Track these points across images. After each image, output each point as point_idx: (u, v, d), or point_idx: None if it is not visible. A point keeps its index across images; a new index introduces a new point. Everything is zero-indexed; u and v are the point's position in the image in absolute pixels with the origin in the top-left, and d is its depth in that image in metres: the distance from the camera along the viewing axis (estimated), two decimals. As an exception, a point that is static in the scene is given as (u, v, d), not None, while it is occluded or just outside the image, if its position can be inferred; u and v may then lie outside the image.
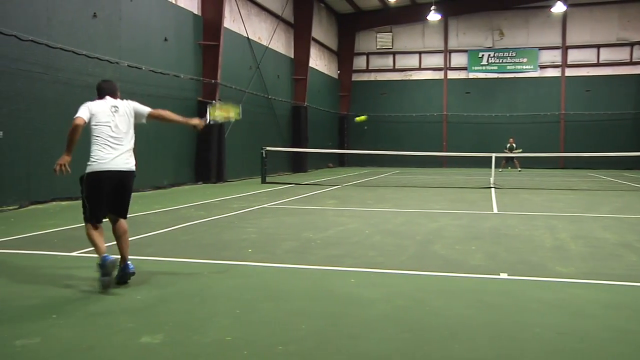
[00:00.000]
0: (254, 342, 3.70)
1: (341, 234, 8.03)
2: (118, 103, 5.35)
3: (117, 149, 5.16)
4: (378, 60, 33.98)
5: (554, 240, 7.60)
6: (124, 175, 5.19)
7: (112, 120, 5.21)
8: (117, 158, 5.13)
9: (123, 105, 5.37)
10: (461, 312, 4.38)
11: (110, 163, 5.09)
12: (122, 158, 5.18)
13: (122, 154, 5.19)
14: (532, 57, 31.77)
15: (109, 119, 5.20)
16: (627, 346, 3.65)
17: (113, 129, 5.19)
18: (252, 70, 21.59)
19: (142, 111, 5.52)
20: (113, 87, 5.51)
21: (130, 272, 5.09)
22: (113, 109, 5.27)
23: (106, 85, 5.50)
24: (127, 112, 5.35)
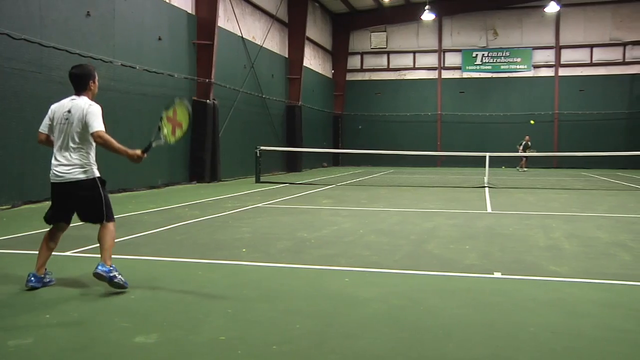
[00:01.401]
0: (248, 341, 3.69)
1: (335, 234, 8.02)
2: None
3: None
4: (372, 59, 34.01)
5: (548, 240, 7.62)
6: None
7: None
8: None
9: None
10: (456, 311, 4.38)
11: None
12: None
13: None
14: (526, 57, 31.86)
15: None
16: (622, 345, 3.66)
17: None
18: (246, 69, 21.56)
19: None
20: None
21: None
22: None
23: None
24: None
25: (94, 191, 4.97)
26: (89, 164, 4.98)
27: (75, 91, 5.00)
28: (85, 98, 4.95)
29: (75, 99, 4.95)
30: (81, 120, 4.84)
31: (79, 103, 4.89)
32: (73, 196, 4.92)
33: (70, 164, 4.88)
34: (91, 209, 4.99)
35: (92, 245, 6.97)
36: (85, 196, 4.93)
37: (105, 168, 14.14)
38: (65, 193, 4.92)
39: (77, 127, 4.85)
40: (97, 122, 4.85)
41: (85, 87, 4.99)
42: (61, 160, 4.89)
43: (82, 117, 4.83)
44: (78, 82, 4.99)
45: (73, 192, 4.90)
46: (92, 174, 4.98)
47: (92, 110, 4.86)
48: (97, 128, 4.84)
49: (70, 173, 4.87)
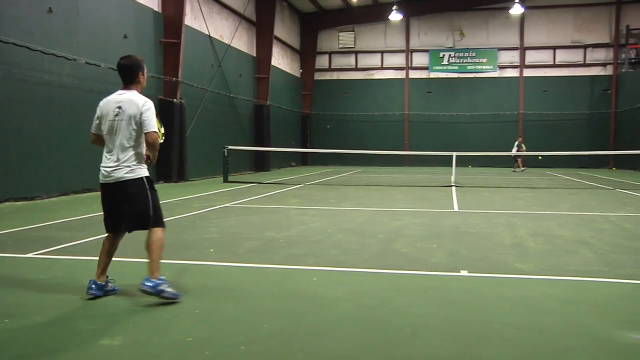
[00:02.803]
0: (215, 342, 3.66)
1: (304, 233, 8.01)
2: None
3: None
4: (340, 59, 34.09)
5: (513, 238, 7.74)
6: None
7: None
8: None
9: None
10: (423, 309, 4.41)
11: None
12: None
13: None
14: (492, 58, 32.34)
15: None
16: (583, 339, 3.74)
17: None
18: (214, 68, 21.40)
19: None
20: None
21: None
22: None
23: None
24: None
25: (141, 192, 4.62)
26: (138, 163, 4.66)
27: (124, 84, 4.70)
28: (135, 92, 4.66)
29: (124, 93, 4.65)
30: (135, 117, 4.54)
31: (131, 98, 4.59)
32: (120, 198, 4.62)
33: (117, 163, 4.59)
34: (137, 212, 4.63)
35: (57, 247, 6.85)
36: (132, 197, 4.59)
37: (70, 168, 13.95)
38: (113, 195, 4.65)
39: (130, 124, 4.56)
40: (153, 122, 4.57)
41: (135, 79, 4.69)
42: (109, 159, 4.64)
43: (137, 114, 4.54)
44: (127, 74, 4.68)
45: (120, 194, 4.61)
46: (140, 173, 4.65)
47: (149, 108, 4.58)
48: (153, 128, 4.55)
49: (117, 172, 4.58)
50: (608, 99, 31.23)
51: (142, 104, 4.56)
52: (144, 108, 4.54)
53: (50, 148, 12.81)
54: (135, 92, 4.66)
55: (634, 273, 5.69)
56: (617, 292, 5.03)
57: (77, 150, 13.65)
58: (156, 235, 4.64)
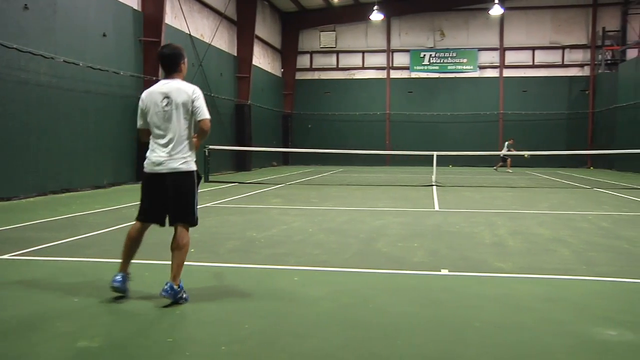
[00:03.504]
0: (196, 342, 3.64)
1: (285, 233, 8.00)
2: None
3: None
4: (321, 59, 34.10)
5: (493, 237, 7.81)
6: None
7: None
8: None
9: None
10: (404, 308, 4.43)
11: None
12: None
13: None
14: (472, 58, 32.57)
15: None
16: (562, 337, 3.78)
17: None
18: (194, 67, 21.26)
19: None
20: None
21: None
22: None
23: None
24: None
25: (191, 186, 4.57)
26: (190, 154, 4.57)
27: (166, 73, 4.62)
28: (181, 81, 4.57)
29: (168, 82, 4.55)
30: (186, 106, 4.46)
31: (179, 87, 4.49)
32: (167, 189, 4.52)
33: (172, 152, 4.48)
34: (184, 205, 4.58)
35: (36, 247, 6.75)
36: (183, 189, 4.53)
37: (48, 167, 13.77)
38: (161, 185, 4.53)
39: (181, 112, 4.48)
40: (205, 109, 4.52)
41: (177, 67, 4.62)
42: (161, 149, 4.50)
43: (188, 101, 4.46)
44: (169, 62, 4.61)
45: (168, 185, 4.50)
46: (193, 166, 4.58)
47: (199, 96, 4.51)
48: (206, 115, 4.51)
49: (171, 163, 4.47)
50: (585, 100, 31.66)
51: (192, 92, 4.49)
52: (194, 96, 4.48)
53: (28, 147, 12.63)
54: (180, 80, 4.59)
55: (610, 271, 5.78)
56: (594, 289, 5.10)
57: (56, 150, 13.49)
58: (187, 237, 4.63)
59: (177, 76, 4.61)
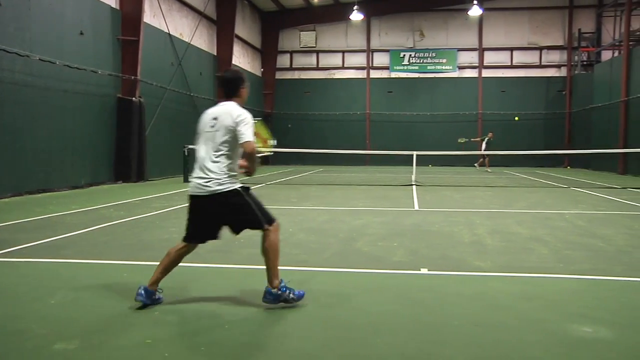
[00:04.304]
0: (175, 343, 3.61)
1: (265, 233, 7.97)
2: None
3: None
4: (302, 58, 34.08)
5: (472, 236, 7.87)
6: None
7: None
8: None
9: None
10: (384, 308, 4.45)
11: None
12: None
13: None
14: (451, 58, 32.80)
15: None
16: (540, 334, 3.83)
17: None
18: (173, 66, 21.13)
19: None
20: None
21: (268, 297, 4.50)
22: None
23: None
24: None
25: (241, 202, 4.52)
26: (231, 175, 4.50)
27: (225, 96, 4.61)
28: (233, 104, 4.53)
29: (223, 104, 4.55)
30: (228, 128, 4.41)
31: (228, 110, 4.47)
32: (212, 211, 4.49)
33: (209, 175, 4.44)
34: (245, 221, 4.58)
35: (10, 249, 6.65)
36: (235, 209, 4.51)
37: (24, 167, 13.55)
38: (202, 207, 4.50)
39: (224, 135, 4.43)
40: (249, 132, 4.41)
41: (236, 92, 4.61)
42: (202, 171, 4.47)
43: (232, 124, 4.40)
44: (229, 86, 4.62)
45: (220, 206, 4.46)
46: (231, 186, 4.48)
47: (245, 119, 4.42)
48: (249, 138, 4.39)
49: (210, 185, 4.42)
50: (562, 100, 32.07)
51: (237, 115, 4.42)
52: (239, 119, 4.40)
53: (3, 147, 12.44)
54: (234, 103, 4.55)
55: (586, 269, 5.86)
56: (570, 287, 5.16)
57: (32, 150, 13.30)
58: (270, 238, 4.58)
59: (236, 100, 4.59)
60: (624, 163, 23.92)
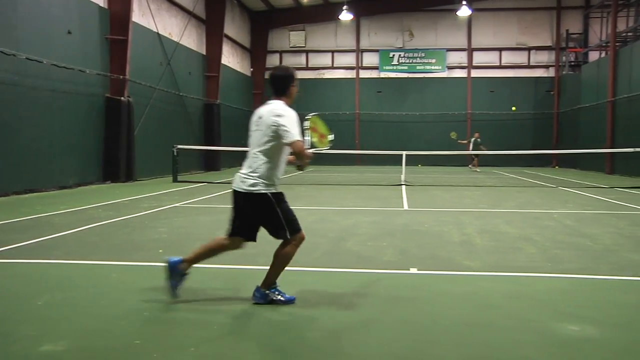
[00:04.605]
0: (164, 344, 3.60)
1: (255, 233, 7.96)
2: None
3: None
4: (291, 58, 34.05)
5: (461, 235, 7.90)
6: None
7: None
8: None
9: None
10: (374, 307, 4.45)
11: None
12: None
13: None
14: (441, 58, 32.91)
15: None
16: (529, 333, 3.85)
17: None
18: (162, 66, 21.03)
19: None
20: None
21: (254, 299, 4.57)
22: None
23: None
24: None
25: (267, 208, 4.47)
26: (267, 177, 4.44)
27: (274, 94, 4.54)
28: (279, 103, 4.45)
29: (270, 103, 4.49)
30: (271, 127, 4.34)
31: (272, 108, 4.40)
32: (245, 209, 4.53)
33: (247, 173, 4.45)
34: (265, 224, 4.56)
35: (-4, 250, 6.60)
36: (260, 212, 4.50)
37: (11, 167, 13.45)
38: (238, 203, 4.57)
39: (265, 134, 4.38)
40: (295, 131, 4.31)
41: (285, 91, 4.52)
42: (244, 167, 4.50)
43: (274, 124, 4.32)
44: (278, 84, 4.53)
45: (248, 205, 4.49)
46: (262, 189, 4.42)
47: (288, 117, 4.32)
48: (295, 138, 4.28)
49: (245, 182, 4.44)
50: (551, 100, 32.27)
51: (279, 115, 4.33)
52: (281, 119, 4.31)
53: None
54: (280, 102, 4.47)
55: (574, 268, 5.90)
56: (559, 286, 5.20)
57: (19, 150, 13.20)
58: (286, 248, 4.55)
59: (284, 99, 4.51)
60: (611, 163, 24.10)
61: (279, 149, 4.42)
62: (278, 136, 4.32)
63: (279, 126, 4.29)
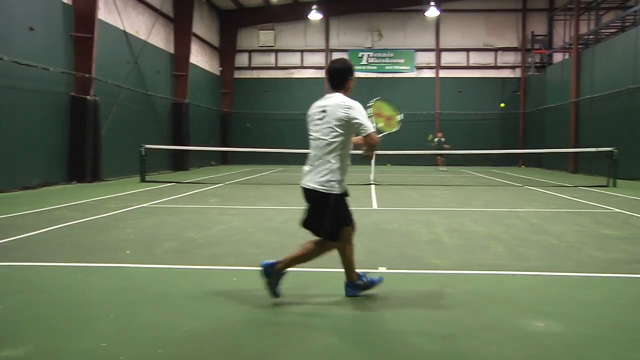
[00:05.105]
0: (132, 346, 3.54)
1: (223, 233, 7.92)
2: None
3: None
4: (260, 57, 33.94)
5: (430, 234, 7.97)
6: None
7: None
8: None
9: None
10: (341, 307, 4.46)
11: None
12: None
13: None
14: (409, 59, 33.17)
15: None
16: (496, 331, 3.90)
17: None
18: (129, 65, 20.73)
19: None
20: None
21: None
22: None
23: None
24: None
25: (325, 208, 4.45)
26: (333, 174, 4.43)
27: (332, 87, 4.50)
28: (341, 95, 4.43)
29: (330, 96, 4.44)
30: (341, 120, 4.29)
31: (337, 102, 4.34)
32: (311, 204, 4.53)
33: (312, 169, 4.45)
34: (317, 219, 4.56)
35: (-44, 252, 6.42)
36: (315, 205, 4.50)
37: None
38: (306, 198, 4.56)
39: (334, 129, 4.34)
40: (368, 123, 4.32)
41: (343, 84, 4.50)
42: (309, 163, 4.50)
43: (344, 117, 4.28)
44: (336, 77, 4.50)
45: (311, 201, 4.50)
46: (330, 188, 4.42)
47: (357, 109, 4.30)
48: (370, 130, 4.31)
49: (310, 178, 4.45)
50: (517, 100, 32.80)
51: (348, 107, 4.31)
52: (351, 111, 4.29)
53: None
54: (342, 95, 4.45)
55: (540, 265, 6.00)
56: (525, 283, 5.28)
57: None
58: (317, 246, 4.66)
59: (342, 91, 4.50)
60: (575, 162, 24.60)
61: (346, 144, 4.41)
62: (348, 129, 4.31)
63: (351, 119, 4.28)
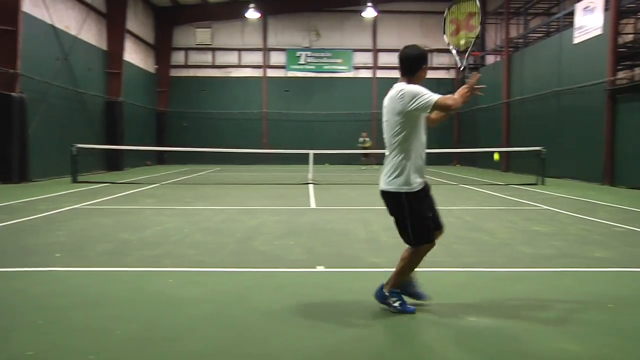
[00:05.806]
0: (61, 353, 3.42)
1: (159, 234, 7.76)
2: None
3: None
4: (197, 56, 33.46)
5: (367, 233, 8.06)
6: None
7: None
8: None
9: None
10: (280, 307, 4.45)
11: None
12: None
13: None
14: (347, 58, 33.48)
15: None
16: (431, 326, 3.98)
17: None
18: (59, 61, 20.00)
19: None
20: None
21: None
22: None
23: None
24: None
25: (400, 208, 4.11)
26: (400, 171, 4.03)
27: (402, 75, 4.10)
28: (402, 84, 4.03)
29: (394, 87, 4.07)
30: (400, 112, 3.91)
31: (391, 93, 4.02)
32: (388, 207, 4.23)
33: (384, 169, 4.12)
34: (399, 227, 4.23)
35: None
36: (394, 210, 4.18)
37: None
38: (385, 203, 4.26)
39: (394, 124, 3.98)
40: (427, 93, 3.86)
41: (415, 72, 4.08)
42: (384, 164, 4.15)
43: (400, 107, 3.91)
44: (407, 63, 4.09)
45: (386, 203, 4.21)
46: (398, 187, 4.05)
47: (408, 91, 3.88)
48: (432, 100, 3.82)
49: (382, 180, 4.15)
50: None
51: (399, 95, 3.95)
52: (405, 97, 3.91)
53: None
54: (403, 83, 4.05)
55: (472, 262, 6.18)
56: (458, 280, 5.43)
57: None
58: (412, 254, 4.31)
59: (411, 80, 4.10)
60: (507, 161, 25.47)
61: (411, 137, 4.05)
62: (409, 119, 3.96)
63: (407, 107, 3.90)
